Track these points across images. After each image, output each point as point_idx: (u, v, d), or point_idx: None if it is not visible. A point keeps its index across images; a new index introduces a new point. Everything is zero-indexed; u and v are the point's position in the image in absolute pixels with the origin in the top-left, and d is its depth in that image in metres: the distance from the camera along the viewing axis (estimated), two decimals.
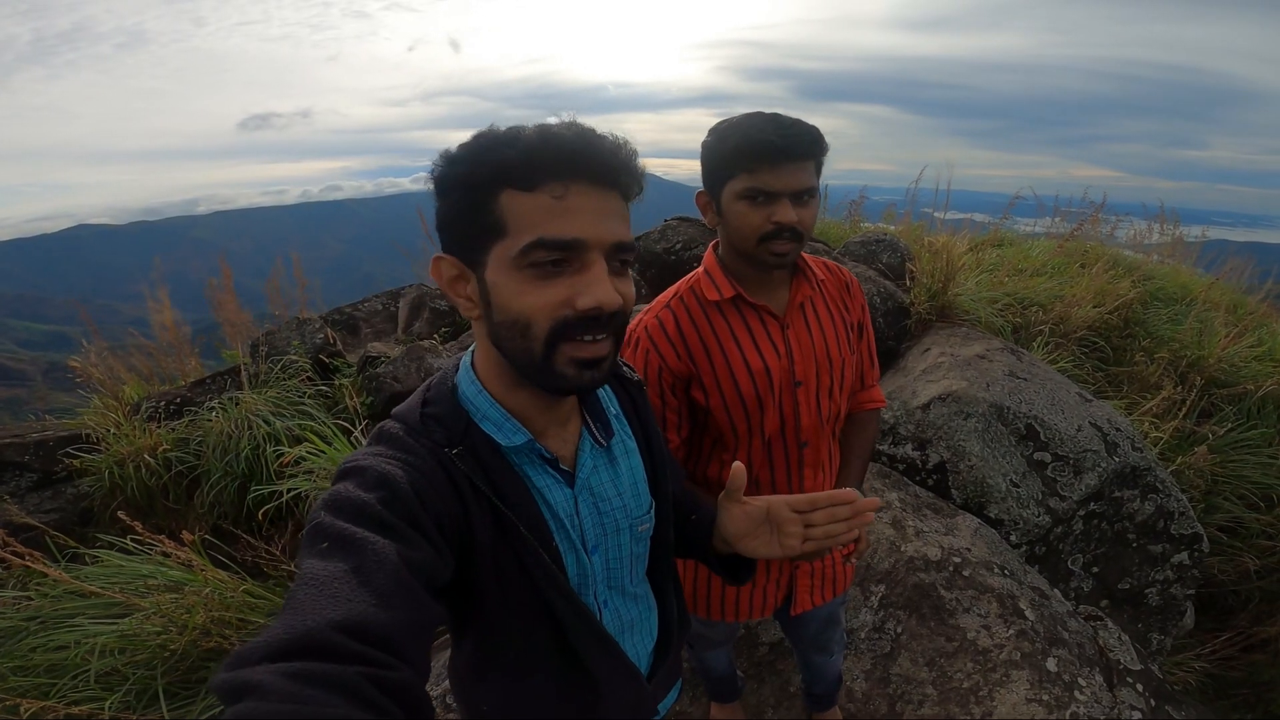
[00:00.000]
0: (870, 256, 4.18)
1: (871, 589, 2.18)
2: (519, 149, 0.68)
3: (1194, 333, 4.36)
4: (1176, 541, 2.66)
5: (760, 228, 1.13)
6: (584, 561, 0.84)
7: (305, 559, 0.59)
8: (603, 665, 0.84)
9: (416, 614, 0.59)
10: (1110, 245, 6.05)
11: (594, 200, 0.70)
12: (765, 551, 0.87)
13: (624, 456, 0.90)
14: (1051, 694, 1.86)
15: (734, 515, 0.89)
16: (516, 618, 0.79)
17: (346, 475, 0.68)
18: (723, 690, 1.86)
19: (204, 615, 2.07)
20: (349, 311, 4.88)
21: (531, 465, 0.80)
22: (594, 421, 0.87)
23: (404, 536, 0.64)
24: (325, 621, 0.52)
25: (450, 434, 0.76)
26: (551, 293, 0.69)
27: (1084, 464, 2.58)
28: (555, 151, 0.68)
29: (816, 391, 1.29)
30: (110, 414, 3.44)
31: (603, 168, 0.70)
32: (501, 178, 0.68)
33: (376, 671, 0.51)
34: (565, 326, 0.70)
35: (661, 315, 1.26)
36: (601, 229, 0.70)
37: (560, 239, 0.68)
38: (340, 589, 0.55)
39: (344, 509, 0.63)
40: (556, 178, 0.68)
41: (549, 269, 0.69)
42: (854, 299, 1.37)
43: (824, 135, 1.13)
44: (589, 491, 0.85)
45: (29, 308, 78.66)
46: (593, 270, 0.70)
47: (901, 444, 2.75)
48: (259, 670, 0.47)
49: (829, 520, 0.83)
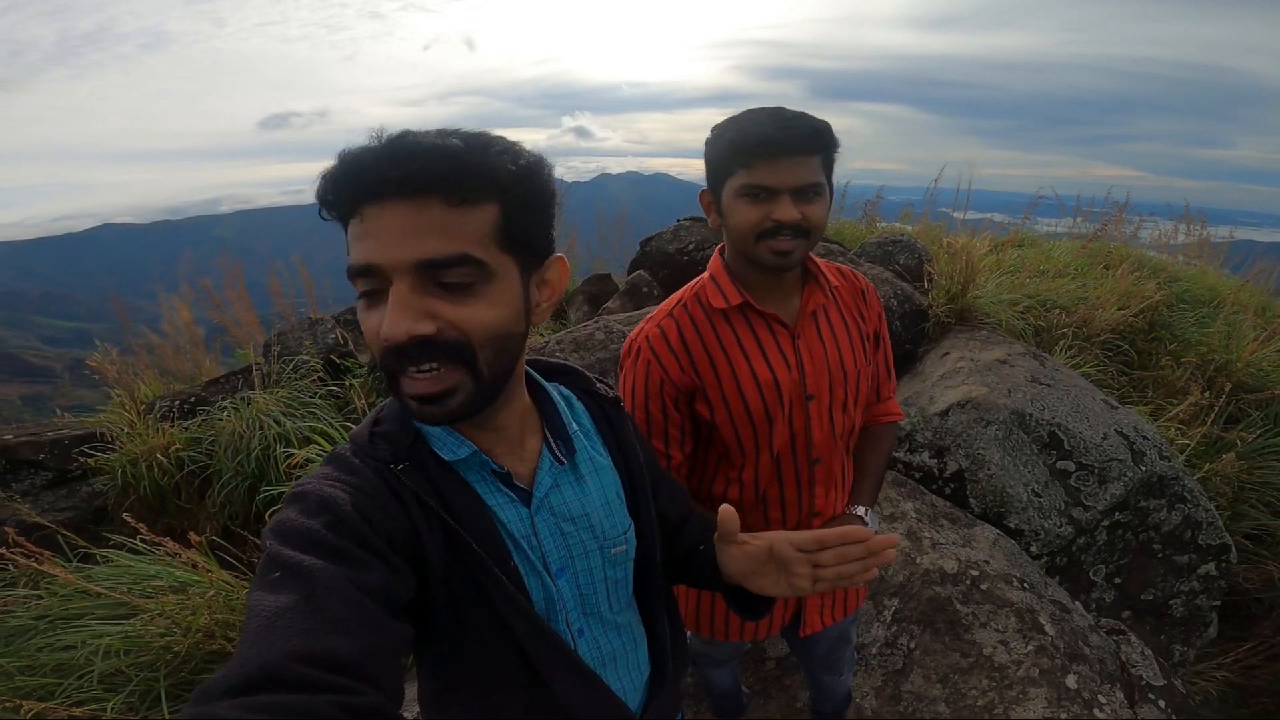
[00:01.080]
0: (887, 258, 4.11)
1: (885, 603, 2.13)
2: (324, 180, 0.65)
3: (1222, 336, 4.24)
4: (1204, 552, 2.58)
5: (758, 225, 1.07)
6: (549, 585, 0.79)
7: (255, 591, 0.57)
8: (579, 698, 0.79)
9: (378, 637, 0.57)
10: (1134, 246, 5.92)
11: (394, 218, 0.63)
12: (774, 591, 0.81)
13: (593, 474, 0.85)
14: (1070, 711, 1.80)
15: (733, 556, 0.83)
16: (475, 640, 0.76)
17: (291, 501, 0.67)
18: (727, 707, 1.81)
19: (208, 617, 2.07)
20: None
21: (483, 482, 0.77)
22: (555, 438, 0.83)
23: (354, 559, 0.62)
24: (281, 653, 0.51)
25: (396, 450, 0.73)
26: (371, 325, 0.66)
27: (1109, 473, 2.51)
28: (345, 176, 0.64)
29: (830, 405, 1.22)
30: (125, 413, 3.46)
31: (395, 179, 0.62)
32: (331, 212, 0.67)
33: (345, 699, 0.50)
34: (387, 358, 0.66)
35: (664, 324, 1.20)
36: (397, 249, 0.63)
37: (354, 266, 0.65)
38: (293, 619, 0.54)
39: (290, 537, 0.61)
40: (355, 201, 0.64)
41: (369, 299, 0.66)
42: (870, 307, 1.30)
43: (832, 129, 1.07)
44: (549, 511, 0.80)
45: (55, 305, 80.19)
46: (389, 298, 0.64)
47: (918, 451, 2.69)
48: (223, 705, 0.47)
49: (839, 560, 0.77)
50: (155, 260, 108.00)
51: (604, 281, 5.00)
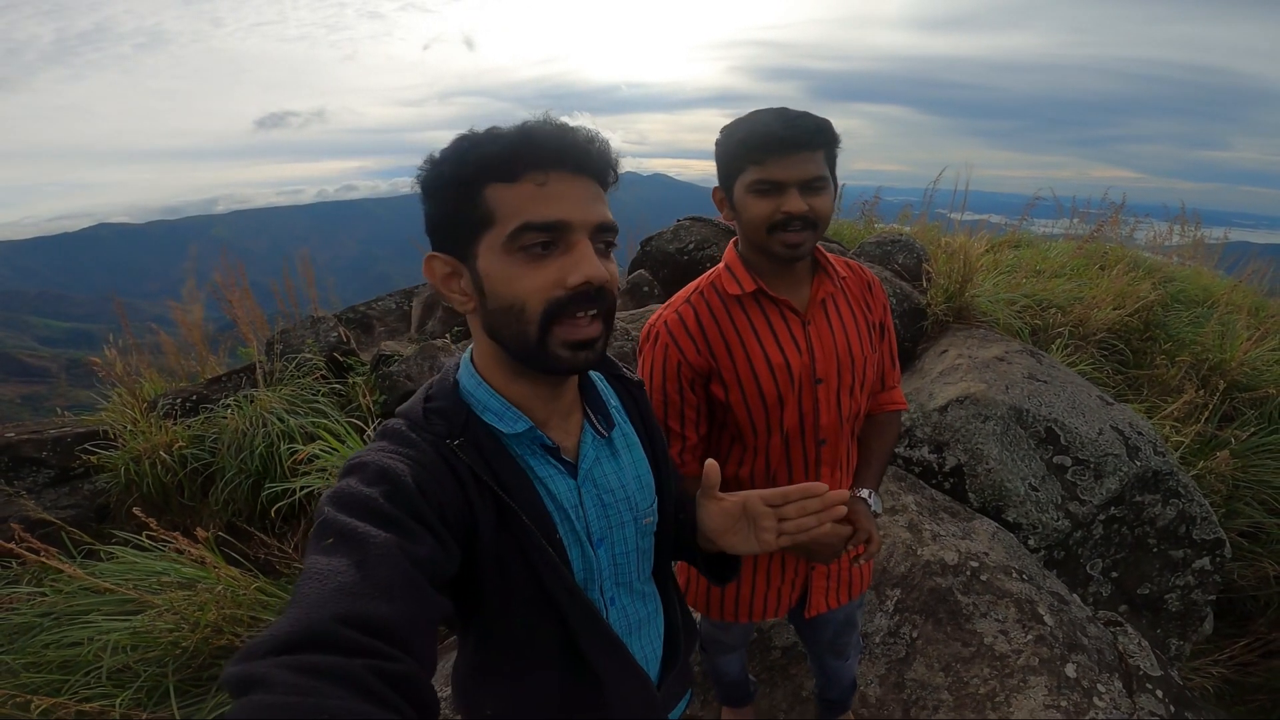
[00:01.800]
0: (886, 257, 4.14)
1: (887, 593, 2.15)
2: (501, 145, 0.72)
3: (1215, 336, 4.28)
4: (1198, 547, 2.62)
5: (769, 218, 1.13)
6: (589, 555, 0.84)
7: (310, 554, 0.60)
8: (609, 666, 0.83)
9: (420, 606, 0.60)
10: (1130, 247, 5.97)
11: (574, 186, 0.73)
12: (744, 547, 0.88)
13: (626, 449, 0.90)
14: (1070, 700, 1.82)
15: (711, 512, 0.90)
16: (520, 613, 0.80)
17: (350, 472, 0.70)
18: (735, 695, 1.84)
19: (215, 613, 2.08)
20: (363, 310, 4.90)
21: (533, 455, 0.81)
22: (595, 414, 0.88)
23: (407, 530, 0.65)
24: (329, 614, 0.53)
25: (451, 426, 0.77)
26: (542, 275, 0.72)
27: (1105, 468, 2.54)
28: (534, 144, 0.72)
29: (837, 389, 1.27)
30: (128, 411, 3.47)
31: (580, 157, 0.74)
32: (486, 173, 0.72)
33: (381, 664, 0.52)
34: (557, 306, 0.72)
35: (682, 310, 1.25)
36: (585, 211, 0.73)
37: (546, 221, 0.71)
38: (344, 582, 0.56)
39: (348, 504, 0.64)
40: (537, 167, 0.72)
41: (537, 251, 0.72)
42: (876, 298, 1.36)
43: (834, 127, 1.13)
44: (592, 483, 0.85)
45: (51, 305, 79.89)
46: (579, 249, 0.73)
47: (918, 446, 2.72)
48: (265, 663, 0.49)
49: (800, 514, 0.84)
50: (152, 260, 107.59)
51: None
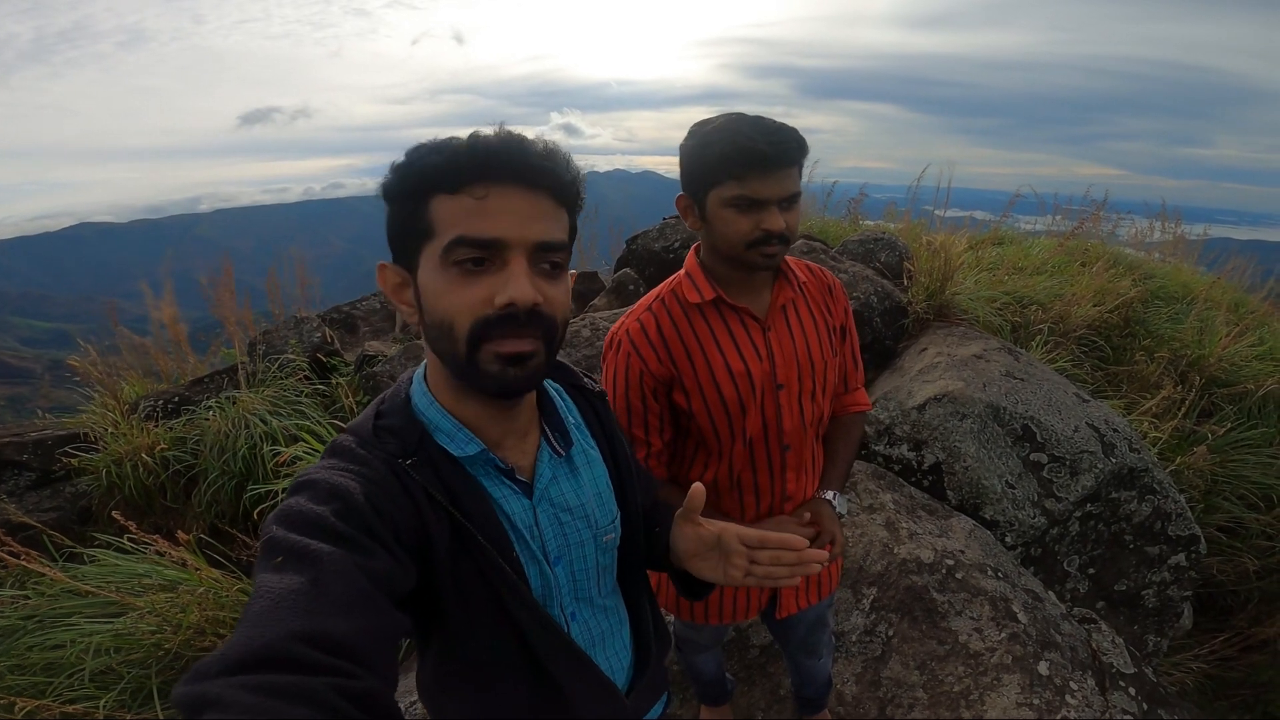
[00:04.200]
0: (868, 255, 4.17)
1: (863, 591, 2.18)
2: (444, 155, 0.70)
3: (1194, 332, 4.34)
4: (1174, 543, 2.65)
5: (749, 234, 1.13)
6: (547, 573, 0.84)
7: (259, 573, 0.59)
8: (573, 679, 0.83)
9: (378, 622, 0.59)
10: (1111, 244, 6.03)
11: (518, 202, 0.71)
12: (710, 575, 0.86)
13: (586, 466, 0.89)
14: (1042, 698, 1.85)
15: (686, 534, 0.88)
16: (480, 630, 0.79)
17: (298, 490, 0.68)
18: (712, 693, 1.86)
19: (198, 614, 2.08)
20: (347, 310, 4.88)
21: (487, 476, 0.80)
22: (552, 432, 0.87)
23: (361, 546, 0.63)
24: (285, 632, 0.52)
25: (404, 445, 0.76)
26: (472, 292, 0.70)
27: (1080, 465, 2.57)
28: (479, 155, 0.70)
29: (799, 394, 1.29)
30: (109, 413, 3.45)
31: (528, 170, 0.71)
32: (430, 183, 0.70)
33: (342, 681, 0.51)
34: (484, 326, 0.70)
35: (643, 318, 1.26)
36: (523, 228, 0.70)
37: (478, 237, 0.69)
38: (298, 601, 0.55)
39: (297, 523, 0.63)
40: (479, 180, 0.69)
41: (469, 268, 0.70)
42: (837, 302, 1.37)
43: (805, 137, 1.13)
44: (549, 502, 0.84)
45: (32, 305, 78.90)
46: (510, 268, 0.70)
47: (897, 444, 2.75)
48: (219, 683, 0.47)
49: (772, 562, 0.82)
50: (134, 259, 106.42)
51: (591, 279, 5.04)
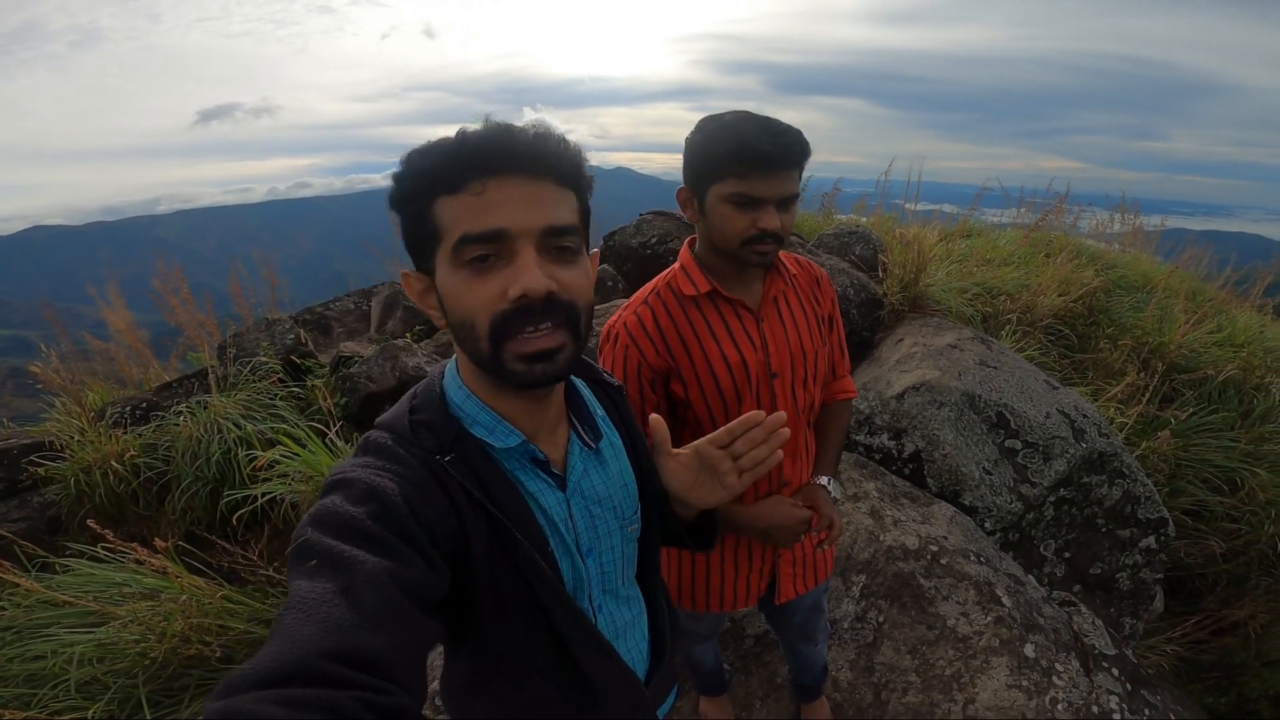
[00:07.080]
0: (843, 248, 4.23)
1: (853, 579, 2.21)
2: (438, 156, 0.70)
3: (1155, 320, 4.47)
4: (1144, 526, 2.74)
5: (745, 232, 1.16)
6: (579, 566, 0.84)
7: (293, 578, 0.58)
8: (600, 670, 0.84)
9: (410, 634, 0.58)
10: (1074, 235, 6.18)
11: (518, 190, 0.70)
12: (712, 498, 0.89)
13: (613, 458, 0.90)
14: (1031, 679, 1.90)
15: (671, 470, 0.91)
16: (514, 627, 0.79)
17: (334, 488, 0.67)
18: (711, 684, 1.88)
19: (182, 622, 2.04)
20: (320, 311, 4.80)
21: (523, 470, 0.80)
22: (581, 424, 0.87)
23: (395, 552, 0.62)
24: (315, 649, 0.51)
25: (441, 441, 0.75)
26: (486, 288, 0.70)
27: (1053, 450, 2.64)
28: (470, 151, 0.69)
29: (792, 383, 1.32)
30: (74, 420, 3.34)
31: (520, 156, 0.70)
32: (431, 186, 0.70)
33: (371, 696, 0.50)
34: (503, 320, 0.70)
35: (640, 311, 1.28)
36: (526, 216, 0.70)
37: (481, 231, 0.69)
38: (330, 612, 0.54)
39: (331, 525, 0.62)
40: (476, 175, 0.69)
41: (478, 264, 0.70)
42: (824, 293, 1.41)
43: (808, 140, 1.15)
44: (580, 495, 0.85)
45: None
46: (519, 259, 0.70)
47: (877, 434, 2.79)
48: (248, 698, 0.47)
49: (749, 446, 0.86)
50: (91, 263, 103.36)
51: None
